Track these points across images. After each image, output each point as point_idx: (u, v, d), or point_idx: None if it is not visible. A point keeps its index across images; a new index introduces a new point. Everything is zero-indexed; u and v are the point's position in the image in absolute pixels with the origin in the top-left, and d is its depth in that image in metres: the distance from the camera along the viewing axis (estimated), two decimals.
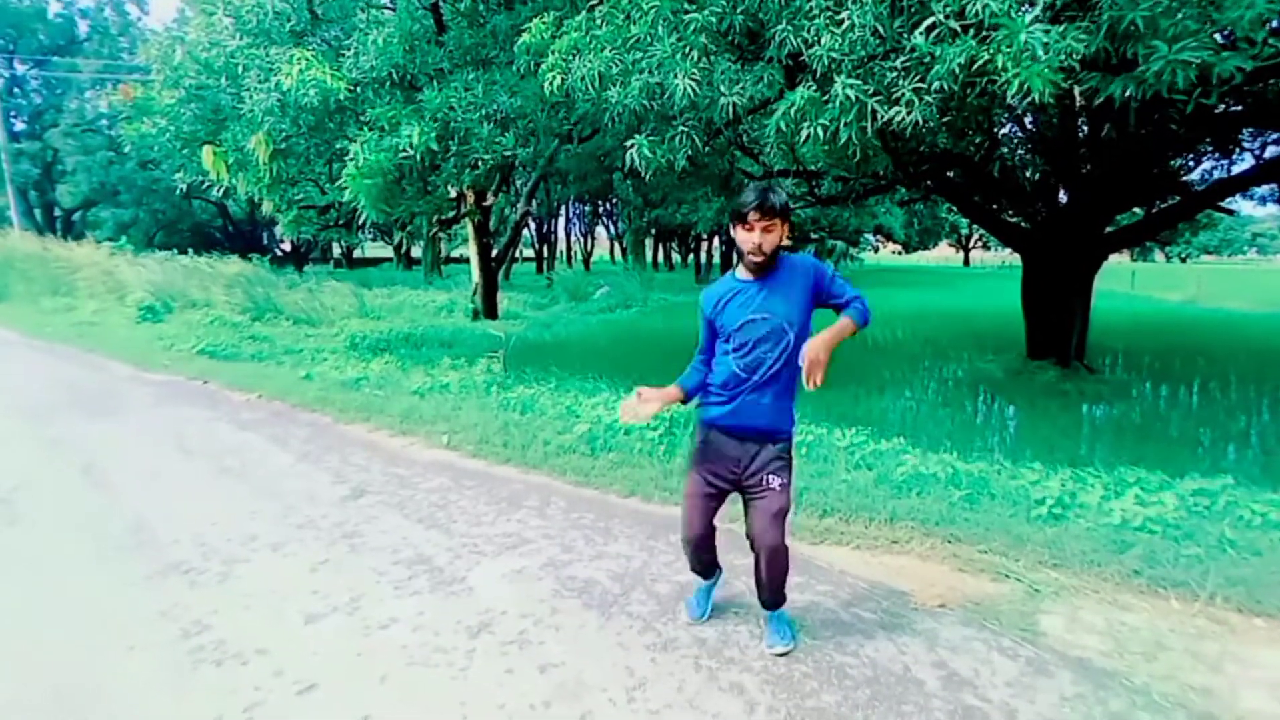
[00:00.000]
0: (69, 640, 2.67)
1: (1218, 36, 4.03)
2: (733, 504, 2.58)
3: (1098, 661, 2.46)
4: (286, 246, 37.31)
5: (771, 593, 2.56)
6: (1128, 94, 3.99)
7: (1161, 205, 10.24)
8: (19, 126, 30.21)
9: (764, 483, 2.40)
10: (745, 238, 2.29)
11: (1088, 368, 9.23)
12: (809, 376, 2.19)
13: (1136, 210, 11.30)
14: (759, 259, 2.30)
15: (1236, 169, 10.03)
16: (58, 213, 32.07)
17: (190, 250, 18.09)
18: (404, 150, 6.41)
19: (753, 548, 2.48)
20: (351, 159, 6.55)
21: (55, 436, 5.44)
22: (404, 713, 2.23)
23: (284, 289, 14.99)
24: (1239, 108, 7.16)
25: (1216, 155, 10.03)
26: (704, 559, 2.68)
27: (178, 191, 10.51)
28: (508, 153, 7.00)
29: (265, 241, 36.54)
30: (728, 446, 2.45)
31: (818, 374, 2.19)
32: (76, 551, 3.44)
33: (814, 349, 2.20)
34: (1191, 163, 10.45)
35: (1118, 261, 39.39)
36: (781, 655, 2.52)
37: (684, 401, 2.54)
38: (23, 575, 3.21)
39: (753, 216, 2.24)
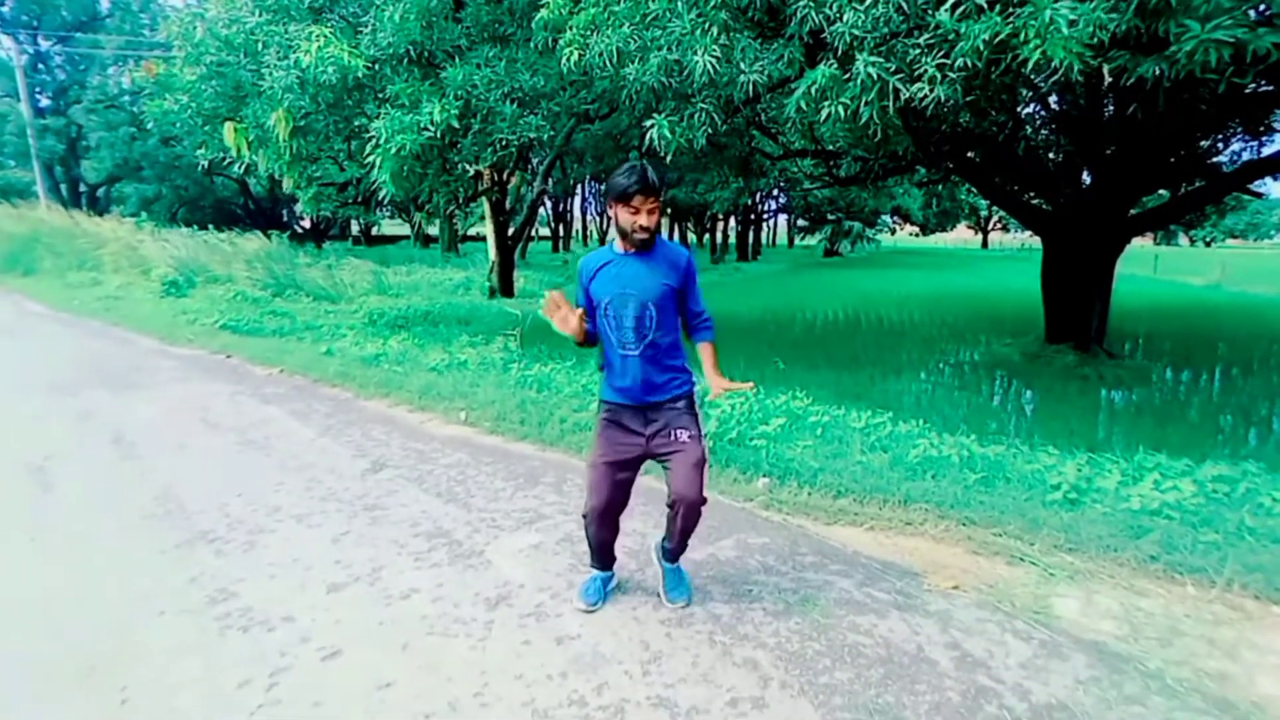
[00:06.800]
0: (100, 605, 2.75)
1: (1252, 13, 3.93)
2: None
3: (1112, 645, 2.47)
4: (306, 224, 37.56)
5: (679, 544, 2.69)
6: (1159, 74, 3.91)
7: (1188, 188, 10.03)
8: (44, 102, 30.41)
9: (673, 437, 2.49)
10: (629, 219, 2.34)
11: (1107, 352, 9.12)
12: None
13: (1162, 192, 11.08)
14: (643, 236, 2.36)
15: (1266, 150, 9.79)
16: (82, 188, 32.39)
17: (212, 226, 18.30)
18: (425, 127, 6.42)
19: (671, 505, 2.53)
20: (373, 137, 6.56)
21: (84, 408, 5.57)
22: (425, 680, 2.29)
23: (304, 265, 15.13)
24: (1270, 87, 6.98)
25: (1245, 136, 9.79)
26: (605, 535, 2.67)
27: (199, 168, 10.62)
28: (532, 134, 6.99)
29: (285, 219, 36.74)
30: (628, 417, 2.54)
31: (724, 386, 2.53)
32: (107, 520, 3.53)
33: (716, 387, 2.53)
34: (1220, 144, 10.20)
35: (1140, 245, 38.79)
36: (682, 608, 2.68)
37: (582, 340, 2.56)
38: (56, 542, 3.31)
39: (638, 200, 2.30)
